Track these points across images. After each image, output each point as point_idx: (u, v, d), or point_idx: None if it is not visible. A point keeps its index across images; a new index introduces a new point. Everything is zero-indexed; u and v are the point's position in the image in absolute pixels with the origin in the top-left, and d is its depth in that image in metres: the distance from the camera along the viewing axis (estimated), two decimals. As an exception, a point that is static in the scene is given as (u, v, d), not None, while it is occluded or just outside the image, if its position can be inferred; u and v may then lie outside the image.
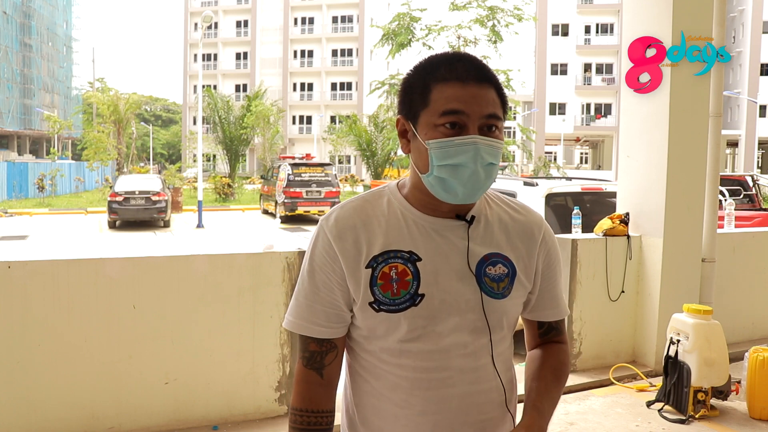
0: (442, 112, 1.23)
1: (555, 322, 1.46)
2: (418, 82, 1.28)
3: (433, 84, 1.25)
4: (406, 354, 1.30)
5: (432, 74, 1.26)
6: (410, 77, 1.30)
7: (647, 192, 5.02)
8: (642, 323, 5.12)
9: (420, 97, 1.27)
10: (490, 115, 1.24)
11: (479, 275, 1.31)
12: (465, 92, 1.23)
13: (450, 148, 1.22)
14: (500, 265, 1.33)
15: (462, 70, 1.25)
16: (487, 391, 1.33)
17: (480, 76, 1.25)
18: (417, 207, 1.33)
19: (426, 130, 1.25)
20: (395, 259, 1.29)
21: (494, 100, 1.26)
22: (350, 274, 1.30)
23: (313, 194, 20.09)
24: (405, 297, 1.28)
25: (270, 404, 3.91)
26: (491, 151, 1.24)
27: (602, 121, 47.92)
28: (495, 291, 1.32)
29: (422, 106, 1.26)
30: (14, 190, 29.73)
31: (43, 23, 56.78)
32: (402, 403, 1.31)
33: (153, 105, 79.01)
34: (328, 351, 1.35)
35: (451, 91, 1.23)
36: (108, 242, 15.62)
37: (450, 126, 1.23)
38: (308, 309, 1.34)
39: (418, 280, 1.28)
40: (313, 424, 1.33)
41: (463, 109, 1.23)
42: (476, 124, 1.23)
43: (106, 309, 3.56)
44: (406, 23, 21.62)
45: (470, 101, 1.23)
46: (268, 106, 35.57)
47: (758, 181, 13.16)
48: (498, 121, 1.26)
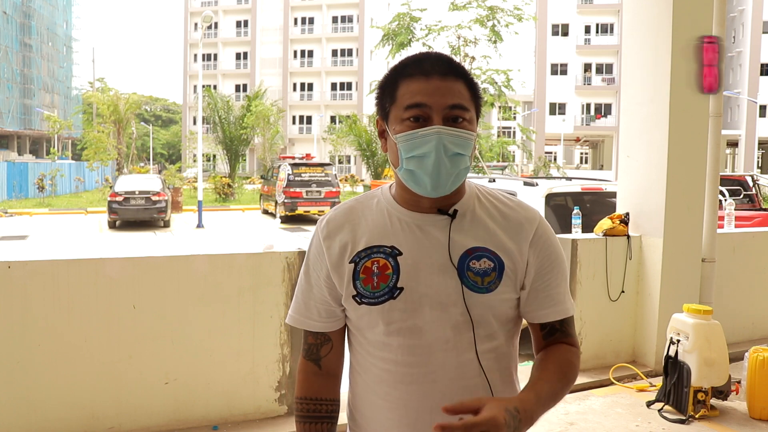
0: (406, 105, 1.27)
1: (558, 324, 1.40)
2: (388, 81, 1.33)
3: (400, 81, 1.30)
4: (389, 348, 1.33)
5: (400, 72, 1.31)
6: (384, 77, 1.35)
7: (647, 192, 5.02)
8: (642, 323, 5.12)
9: (389, 94, 1.31)
10: (454, 106, 1.26)
11: (461, 269, 1.31)
12: (428, 85, 1.27)
13: (414, 140, 1.26)
14: (485, 260, 1.32)
15: (427, 66, 1.29)
16: (472, 387, 1.32)
17: (444, 69, 1.28)
18: (401, 204, 1.36)
19: (395, 125, 1.30)
20: (377, 254, 1.33)
21: (460, 91, 1.28)
22: (334, 270, 1.36)
23: (313, 194, 20.09)
24: (384, 290, 1.32)
25: (270, 404, 3.91)
26: (456, 141, 1.26)
27: (602, 121, 47.92)
28: (479, 285, 1.31)
29: (391, 103, 1.31)
30: (14, 190, 29.74)
31: (43, 23, 56.77)
32: (386, 396, 1.35)
33: (153, 105, 79.02)
34: (323, 343, 1.43)
35: (415, 85, 1.28)
36: (108, 242, 15.62)
37: (414, 119, 1.27)
38: (304, 305, 1.43)
39: (397, 274, 1.31)
40: (313, 411, 1.41)
41: (426, 102, 1.26)
42: (440, 116, 1.26)
43: (106, 309, 3.56)
44: (406, 23, 21.59)
45: (433, 93, 1.26)
46: (268, 106, 35.56)
47: (758, 181, 13.15)
48: (464, 111, 1.28)
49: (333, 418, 1.43)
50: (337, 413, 1.44)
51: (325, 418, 1.41)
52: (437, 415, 1.31)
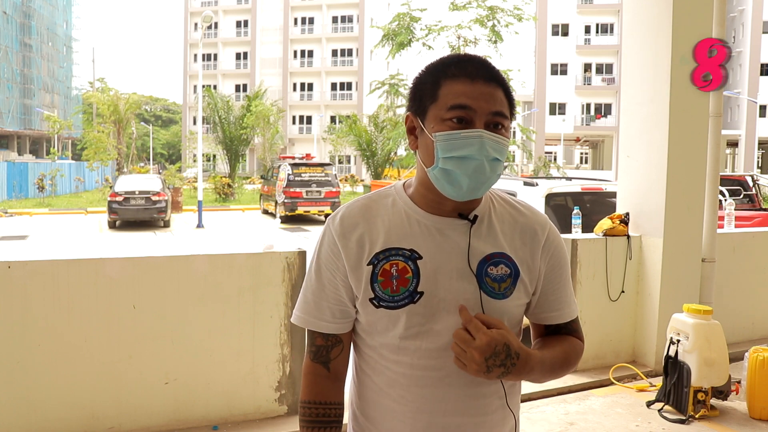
0: (450, 106, 1.27)
1: (563, 325, 1.44)
2: (428, 79, 1.32)
3: (442, 80, 1.29)
4: (404, 351, 1.31)
5: (442, 71, 1.30)
6: (421, 75, 1.34)
7: (647, 192, 5.02)
8: (642, 323, 5.12)
9: (429, 92, 1.30)
10: (496, 113, 1.27)
11: (480, 275, 1.31)
12: (473, 89, 1.27)
13: (456, 140, 1.25)
14: (502, 266, 1.33)
15: (471, 69, 1.29)
16: (486, 392, 1.33)
17: (488, 75, 1.29)
18: (421, 206, 1.35)
19: (433, 123, 1.29)
20: (396, 257, 1.31)
21: (501, 99, 1.29)
22: (352, 270, 1.33)
23: (313, 194, 20.08)
24: (404, 294, 1.30)
25: (270, 404, 3.91)
26: (496, 146, 1.26)
27: (602, 121, 47.91)
28: (496, 291, 1.32)
29: (431, 101, 1.30)
30: (14, 190, 29.73)
31: (43, 23, 56.77)
32: (399, 399, 1.33)
33: (153, 105, 78.99)
34: (334, 345, 1.39)
35: (459, 87, 1.27)
36: (108, 242, 15.62)
37: (457, 120, 1.26)
38: (315, 305, 1.38)
39: (417, 278, 1.30)
40: (321, 415, 1.37)
41: (471, 105, 1.26)
42: (483, 120, 1.26)
43: (106, 309, 3.56)
44: (406, 23, 21.62)
45: (478, 98, 1.26)
46: (268, 106, 35.56)
47: (758, 181, 13.14)
48: (504, 119, 1.29)
49: (339, 422, 1.40)
50: (342, 417, 1.41)
51: (333, 423, 1.38)
52: (450, 418, 1.32)
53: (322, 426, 1.37)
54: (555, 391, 4.56)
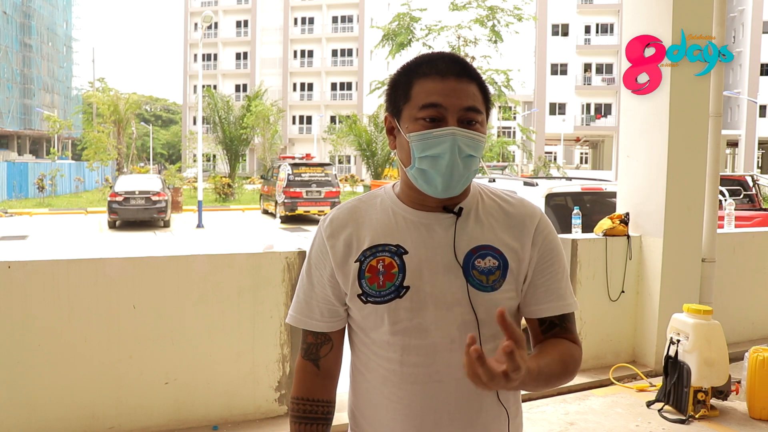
0: (421, 105, 1.27)
1: (558, 319, 1.37)
2: (402, 80, 1.33)
3: (414, 80, 1.30)
4: (394, 347, 1.32)
5: (414, 71, 1.31)
6: (396, 76, 1.35)
7: (647, 192, 5.02)
8: (642, 323, 5.12)
9: (403, 93, 1.31)
10: (469, 108, 1.27)
11: (467, 268, 1.31)
12: (444, 86, 1.27)
13: (429, 139, 1.26)
14: (490, 258, 1.32)
15: (442, 66, 1.29)
16: (478, 389, 1.32)
17: (460, 71, 1.29)
18: (406, 203, 1.36)
19: (408, 123, 1.30)
20: (383, 253, 1.33)
21: (474, 94, 1.29)
22: (339, 268, 1.35)
23: (313, 194, 20.08)
24: (390, 289, 1.31)
25: (270, 404, 3.91)
26: (470, 143, 1.27)
27: (602, 121, 47.90)
28: (484, 284, 1.31)
29: (404, 101, 1.31)
30: (14, 190, 29.73)
31: (43, 23, 56.77)
32: (391, 396, 1.34)
33: (153, 105, 79.00)
34: (323, 343, 1.42)
35: (430, 85, 1.28)
36: (108, 242, 15.61)
37: (429, 120, 1.27)
38: (306, 304, 1.42)
39: (403, 273, 1.31)
40: (309, 412, 1.40)
41: (442, 102, 1.26)
42: (455, 117, 1.26)
43: (106, 309, 3.56)
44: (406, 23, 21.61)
45: (449, 94, 1.27)
46: (268, 106, 35.54)
47: (758, 181, 13.15)
48: (478, 114, 1.29)
49: (328, 419, 1.42)
50: (332, 415, 1.43)
51: (321, 420, 1.41)
52: (442, 415, 1.32)
53: (309, 422, 1.40)
54: (555, 391, 4.55)
